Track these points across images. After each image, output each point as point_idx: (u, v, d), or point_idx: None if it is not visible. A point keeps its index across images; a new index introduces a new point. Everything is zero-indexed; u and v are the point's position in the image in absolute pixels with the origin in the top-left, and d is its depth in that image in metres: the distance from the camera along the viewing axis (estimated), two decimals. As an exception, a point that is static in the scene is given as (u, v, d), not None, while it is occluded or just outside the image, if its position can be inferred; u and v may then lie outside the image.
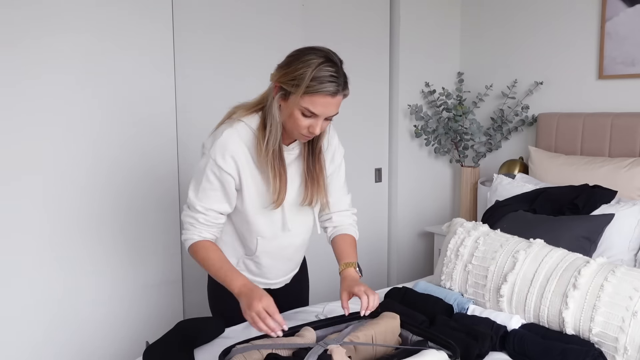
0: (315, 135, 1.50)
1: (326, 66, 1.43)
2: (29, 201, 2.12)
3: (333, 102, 1.45)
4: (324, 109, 1.45)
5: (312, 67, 1.42)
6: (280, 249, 1.72)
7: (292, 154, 1.61)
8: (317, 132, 1.48)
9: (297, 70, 1.43)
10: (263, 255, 1.70)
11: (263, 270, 1.74)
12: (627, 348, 1.47)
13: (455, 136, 3.16)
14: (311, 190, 1.62)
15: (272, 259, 1.73)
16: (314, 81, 1.41)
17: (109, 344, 2.33)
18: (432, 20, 3.24)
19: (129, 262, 2.35)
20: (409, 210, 3.30)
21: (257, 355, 1.32)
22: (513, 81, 3.05)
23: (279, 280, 1.81)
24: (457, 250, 1.94)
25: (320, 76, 1.41)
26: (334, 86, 1.43)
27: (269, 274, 1.76)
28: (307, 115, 1.46)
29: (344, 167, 1.76)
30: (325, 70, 1.42)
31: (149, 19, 2.30)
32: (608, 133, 2.60)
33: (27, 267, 2.13)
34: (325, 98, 1.43)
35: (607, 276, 1.59)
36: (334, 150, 1.72)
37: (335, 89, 1.43)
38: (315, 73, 1.41)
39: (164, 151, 2.39)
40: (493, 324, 1.66)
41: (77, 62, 2.16)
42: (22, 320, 2.14)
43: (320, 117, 1.46)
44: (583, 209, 2.25)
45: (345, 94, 1.49)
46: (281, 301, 1.71)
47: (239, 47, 2.60)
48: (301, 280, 1.95)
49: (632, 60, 2.58)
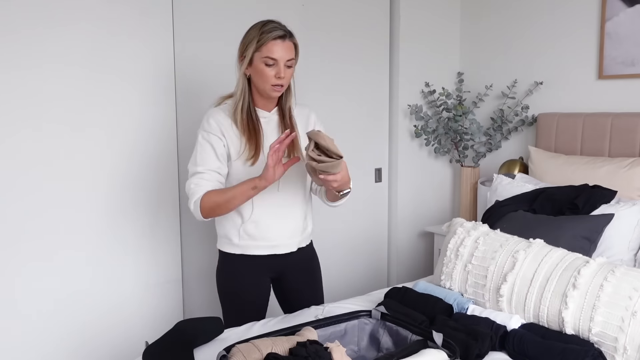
0: (282, 81, 1.77)
1: (268, 22, 1.78)
2: (28, 201, 2.12)
3: (285, 46, 1.75)
4: (280, 53, 1.74)
5: (257, 27, 1.78)
6: (274, 207, 1.87)
7: (273, 119, 1.89)
8: (282, 75, 1.75)
9: (248, 36, 1.79)
10: (260, 216, 1.86)
11: (262, 230, 1.87)
12: (627, 348, 1.48)
13: (455, 136, 3.16)
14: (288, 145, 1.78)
15: (269, 217, 1.86)
16: (263, 34, 1.74)
17: (108, 344, 2.33)
18: (432, 20, 3.24)
19: (129, 262, 2.35)
20: (409, 210, 3.30)
21: (257, 355, 1.32)
22: (513, 81, 3.05)
23: (281, 242, 1.90)
24: (457, 250, 1.94)
25: (266, 29, 1.75)
26: (280, 32, 1.75)
27: (269, 233, 1.87)
28: (269, 64, 1.75)
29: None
30: (269, 24, 1.76)
31: (149, 18, 2.30)
32: (608, 133, 2.60)
33: (25, 268, 2.13)
34: (277, 42, 1.74)
35: (606, 276, 1.59)
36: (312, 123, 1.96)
37: (282, 33, 1.75)
38: (262, 29, 1.76)
39: (164, 152, 2.40)
40: (493, 324, 1.66)
41: (77, 62, 2.16)
42: (21, 321, 2.14)
43: (279, 61, 1.75)
44: (583, 209, 2.25)
45: (294, 42, 1.79)
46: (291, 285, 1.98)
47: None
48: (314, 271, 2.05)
49: (632, 60, 2.59)
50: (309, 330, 1.47)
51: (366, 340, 1.63)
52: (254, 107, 1.85)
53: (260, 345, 1.35)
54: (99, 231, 2.27)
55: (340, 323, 1.58)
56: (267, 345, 1.35)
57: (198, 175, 1.80)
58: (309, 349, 1.30)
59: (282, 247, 1.91)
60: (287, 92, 1.89)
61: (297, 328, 1.50)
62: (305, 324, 1.51)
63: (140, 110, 2.33)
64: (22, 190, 2.10)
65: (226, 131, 1.82)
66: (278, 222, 1.88)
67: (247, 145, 1.81)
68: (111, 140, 2.27)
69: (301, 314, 1.90)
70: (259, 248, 1.88)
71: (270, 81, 1.77)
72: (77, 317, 2.25)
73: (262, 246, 1.88)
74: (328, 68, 2.90)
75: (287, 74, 1.78)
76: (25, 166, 2.10)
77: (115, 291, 2.33)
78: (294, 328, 1.50)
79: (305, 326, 1.50)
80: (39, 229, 2.14)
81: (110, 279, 2.32)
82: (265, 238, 1.88)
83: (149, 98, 2.34)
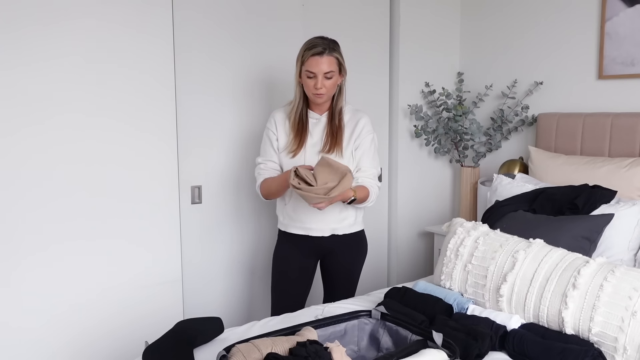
0: (321, 91, 2.07)
1: (311, 39, 2.10)
2: (26, 200, 2.12)
3: (323, 61, 2.05)
4: (317, 67, 2.05)
5: (304, 45, 2.11)
6: None
7: (322, 121, 2.20)
8: (318, 86, 2.06)
9: (299, 52, 2.13)
10: (297, 201, 2.18)
11: (299, 213, 2.20)
12: (627, 348, 1.48)
13: (455, 136, 3.16)
14: (330, 140, 2.15)
15: (305, 203, 2.12)
16: (305, 51, 2.08)
17: (108, 344, 2.33)
18: (432, 20, 3.24)
19: (129, 262, 2.35)
20: (409, 210, 3.30)
21: (257, 355, 1.32)
22: (513, 81, 3.05)
23: (314, 226, 2.20)
24: (457, 250, 1.95)
25: (309, 46, 2.08)
26: (319, 49, 2.05)
27: (305, 217, 2.20)
28: (310, 77, 2.08)
29: (370, 144, 2.21)
30: (311, 42, 2.09)
31: (149, 18, 2.30)
32: (608, 133, 2.60)
33: (21, 269, 2.13)
34: (315, 58, 2.05)
35: (606, 276, 1.59)
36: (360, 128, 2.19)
37: (320, 50, 2.05)
38: (305, 47, 2.09)
39: (164, 151, 2.39)
40: (492, 324, 1.66)
41: (76, 59, 2.16)
42: (19, 323, 2.14)
43: (318, 74, 2.06)
44: (583, 209, 2.25)
45: (335, 56, 2.08)
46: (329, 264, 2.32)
47: (239, 47, 2.60)
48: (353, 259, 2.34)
49: (631, 60, 2.59)
50: (309, 330, 1.47)
51: (366, 340, 1.63)
52: (306, 110, 2.20)
53: (260, 345, 1.35)
54: (99, 231, 2.27)
55: (340, 323, 1.59)
56: (267, 345, 1.35)
57: (259, 165, 2.25)
58: (309, 349, 1.30)
59: (314, 231, 2.21)
60: (339, 97, 2.19)
61: (297, 328, 1.50)
62: (305, 324, 1.52)
63: (140, 110, 2.32)
64: (22, 191, 2.10)
65: (279, 127, 2.20)
66: (310, 208, 2.12)
67: (293, 140, 2.17)
68: (110, 139, 2.27)
69: (301, 314, 1.90)
70: (295, 228, 2.23)
71: (312, 90, 2.09)
72: (77, 317, 2.25)
73: (297, 227, 2.22)
74: (328, 68, 2.90)
75: (327, 84, 2.08)
76: (24, 167, 2.10)
77: (115, 291, 2.33)
78: (294, 328, 1.50)
79: (305, 326, 1.50)
80: (39, 228, 2.14)
81: (110, 279, 2.31)
82: (300, 220, 2.21)
83: (149, 98, 2.34)
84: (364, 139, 2.20)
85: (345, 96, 2.22)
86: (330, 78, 2.08)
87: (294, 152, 2.16)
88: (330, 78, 2.08)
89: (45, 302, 2.18)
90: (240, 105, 2.64)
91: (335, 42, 2.13)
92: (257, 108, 2.68)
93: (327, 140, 2.16)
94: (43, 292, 2.17)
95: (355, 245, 2.33)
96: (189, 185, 2.53)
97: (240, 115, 2.65)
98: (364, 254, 2.39)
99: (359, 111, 2.25)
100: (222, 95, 2.59)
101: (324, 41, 2.08)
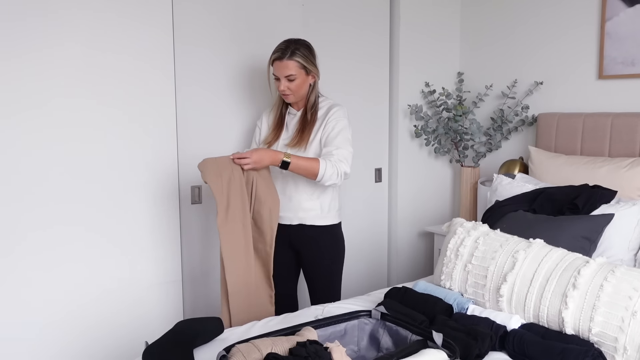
0: (284, 91, 2.19)
1: (279, 44, 2.19)
2: (27, 200, 2.12)
3: (282, 65, 2.15)
4: (278, 71, 2.17)
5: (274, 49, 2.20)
6: (282, 185, 2.28)
7: (298, 115, 2.30)
8: (281, 88, 2.17)
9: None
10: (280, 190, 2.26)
11: (283, 201, 2.26)
12: (627, 348, 1.48)
13: (455, 136, 3.16)
14: (299, 135, 2.23)
15: (281, 193, 2.25)
16: (271, 55, 2.19)
17: (108, 344, 2.33)
18: (432, 20, 3.24)
19: (129, 262, 2.35)
20: (409, 210, 3.30)
21: (257, 355, 1.32)
22: (513, 81, 3.05)
23: (282, 214, 2.27)
24: (457, 250, 1.94)
25: (273, 51, 2.18)
26: (277, 54, 2.15)
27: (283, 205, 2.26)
28: (277, 78, 2.19)
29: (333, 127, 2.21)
30: (277, 46, 2.18)
31: (149, 18, 2.30)
32: (608, 133, 2.60)
33: (21, 268, 2.13)
34: (276, 63, 2.16)
35: (606, 276, 1.59)
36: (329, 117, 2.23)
37: (279, 55, 2.15)
38: (273, 51, 2.19)
39: (164, 150, 2.39)
40: (493, 324, 1.66)
41: (78, 61, 2.16)
42: (19, 322, 2.14)
43: (280, 77, 2.17)
44: (583, 209, 2.25)
45: (296, 60, 2.14)
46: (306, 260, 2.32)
47: (239, 47, 2.60)
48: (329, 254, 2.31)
49: (632, 60, 2.59)
50: (308, 330, 1.47)
51: (366, 340, 1.63)
52: (285, 107, 2.33)
53: (260, 345, 1.35)
54: (99, 231, 2.27)
55: (340, 323, 1.58)
56: (267, 345, 1.35)
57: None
58: (309, 349, 1.30)
59: (283, 219, 2.28)
60: (310, 95, 2.26)
61: (297, 328, 1.50)
62: (305, 324, 1.51)
63: (139, 110, 2.32)
64: (21, 190, 2.10)
65: (264, 122, 2.39)
66: (285, 198, 2.26)
67: (271, 133, 2.32)
68: (110, 139, 2.27)
69: (301, 314, 1.90)
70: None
71: (279, 91, 2.22)
72: (78, 317, 2.25)
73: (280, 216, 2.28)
74: (328, 68, 2.89)
75: (291, 86, 2.18)
76: (22, 166, 2.10)
77: (115, 291, 2.33)
78: (293, 328, 1.50)
79: (305, 326, 1.50)
80: (38, 228, 2.14)
81: (110, 279, 2.31)
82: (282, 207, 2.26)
83: (149, 97, 2.34)
84: (328, 124, 2.22)
85: (317, 93, 2.27)
86: (293, 80, 2.16)
87: (269, 143, 2.30)
88: (292, 80, 2.16)
89: (45, 303, 2.18)
90: (240, 106, 2.64)
91: (302, 45, 2.17)
92: (257, 109, 2.67)
93: (296, 134, 2.25)
94: (43, 293, 2.17)
95: (327, 240, 2.30)
96: (189, 185, 2.53)
97: (241, 116, 2.64)
98: (338, 250, 2.34)
99: (336, 104, 2.29)
100: (223, 95, 2.59)
101: (287, 45, 2.15)
